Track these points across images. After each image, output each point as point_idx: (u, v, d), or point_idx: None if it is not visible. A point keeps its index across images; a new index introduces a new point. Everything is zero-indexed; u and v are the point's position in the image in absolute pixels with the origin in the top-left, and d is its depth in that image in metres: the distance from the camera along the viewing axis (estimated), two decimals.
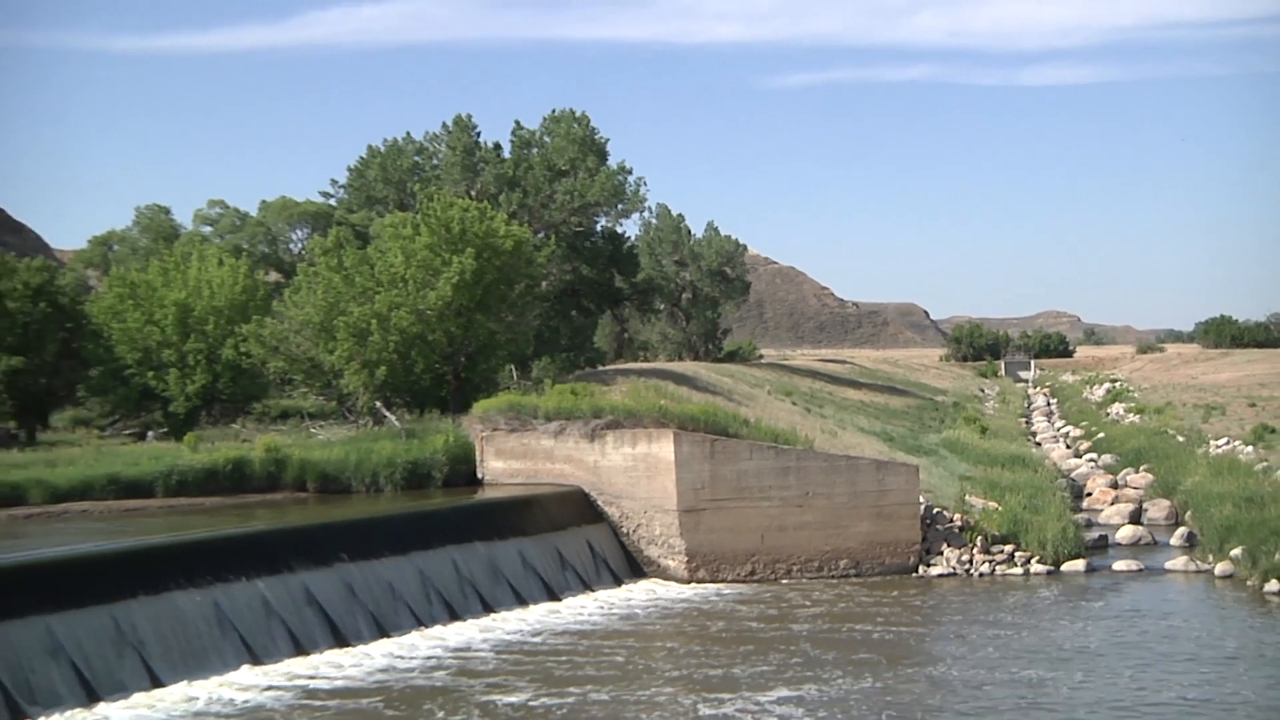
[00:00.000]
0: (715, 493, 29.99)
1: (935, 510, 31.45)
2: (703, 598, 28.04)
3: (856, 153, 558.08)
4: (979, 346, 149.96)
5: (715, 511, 29.97)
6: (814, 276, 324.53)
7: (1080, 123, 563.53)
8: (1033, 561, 29.85)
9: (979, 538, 30.52)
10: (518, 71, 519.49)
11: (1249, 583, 26.83)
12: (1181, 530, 32.90)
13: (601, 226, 62.79)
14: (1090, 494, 40.53)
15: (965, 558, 30.09)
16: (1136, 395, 79.13)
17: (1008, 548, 30.34)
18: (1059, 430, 68.16)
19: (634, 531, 31.16)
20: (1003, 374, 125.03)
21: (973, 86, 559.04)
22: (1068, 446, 57.86)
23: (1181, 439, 47.83)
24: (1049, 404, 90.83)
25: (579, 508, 31.51)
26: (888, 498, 30.31)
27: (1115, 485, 41.62)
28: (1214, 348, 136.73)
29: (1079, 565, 29.63)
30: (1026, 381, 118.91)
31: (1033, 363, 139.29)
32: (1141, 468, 43.49)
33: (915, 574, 29.84)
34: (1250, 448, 42.40)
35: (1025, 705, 18.69)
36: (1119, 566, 29.71)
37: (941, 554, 30.28)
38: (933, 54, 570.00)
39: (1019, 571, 29.62)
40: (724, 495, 30.01)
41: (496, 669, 21.68)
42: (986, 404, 79.31)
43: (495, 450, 35.14)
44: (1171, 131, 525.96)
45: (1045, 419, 76.67)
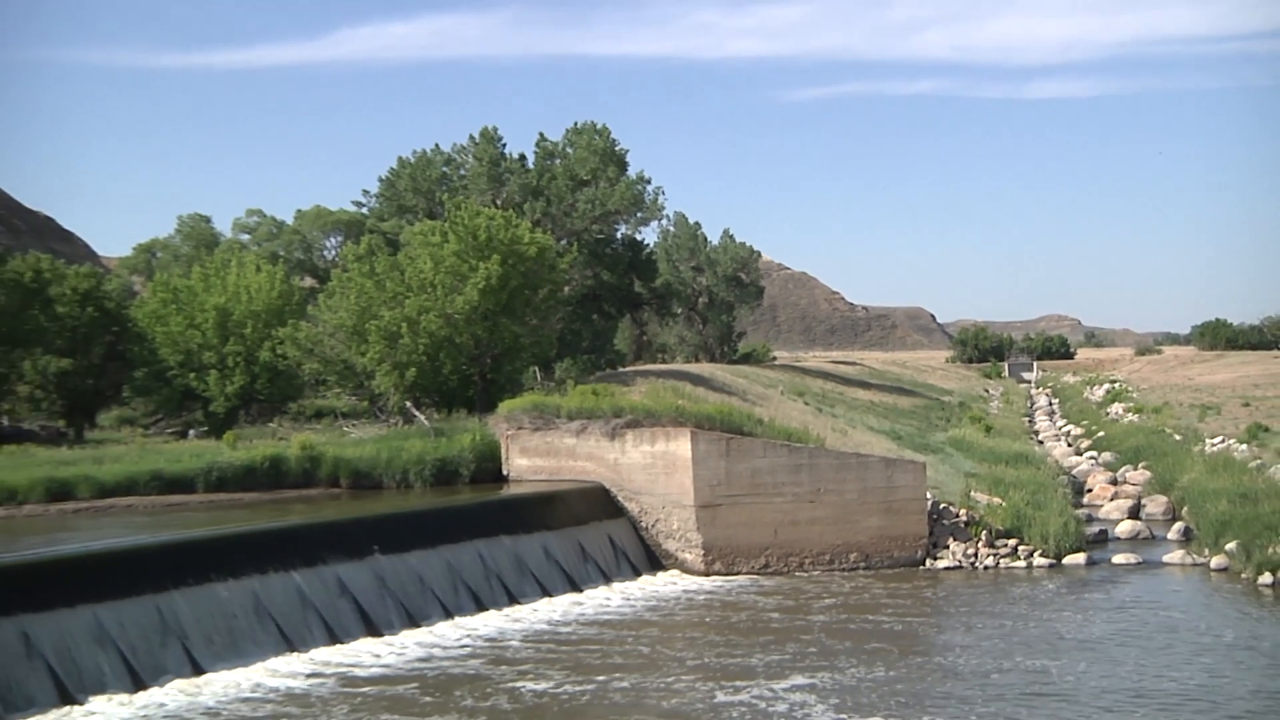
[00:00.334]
0: (731, 489, 29.94)
1: (942, 506, 31.34)
2: (720, 589, 27.96)
3: (866, 163, 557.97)
4: (984, 349, 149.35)
5: (731, 507, 29.91)
6: (825, 281, 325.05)
7: (1081, 134, 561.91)
8: (1035, 555, 29.72)
9: (984, 532, 30.40)
10: (541, 86, 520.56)
11: (1243, 575, 26.69)
12: (1178, 525, 32.72)
13: (621, 234, 62.89)
14: (1091, 490, 40.35)
15: (970, 551, 29.98)
16: (1135, 395, 78.76)
17: (1011, 542, 30.20)
18: (1060, 429, 67.82)
19: (653, 526, 31.12)
20: (1006, 375, 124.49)
21: (978, 100, 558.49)
22: (1069, 445, 57.58)
23: (1178, 437, 47.59)
24: (1051, 404, 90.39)
25: (600, 503, 31.48)
26: (896, 494, 30.21)
27: (1115, 482, 41.37)
28: (1209, 350, 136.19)
29: (1080, 559, 29.48)
30: (1029, 382, 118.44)
31: (1035, 364, 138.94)
32: (1140, 465, 43.26)
33: (922, 567, 29.72)
34: (1244, 446, 42.15)
35: (1031, 693, 18.58)
36: (1118, 560, 29.54)
37: (948, 548, 30.16)
38: (939, 69, 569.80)
39: (1022, 565, 29.49)
40: (739, 491, 29.95)
41: (524, 657, 21.67)
42: (991, 404, 78.95)
43: (520, 448, 35.14)
44: (1169, 143, 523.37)
45: (1047, 418, 76.33)
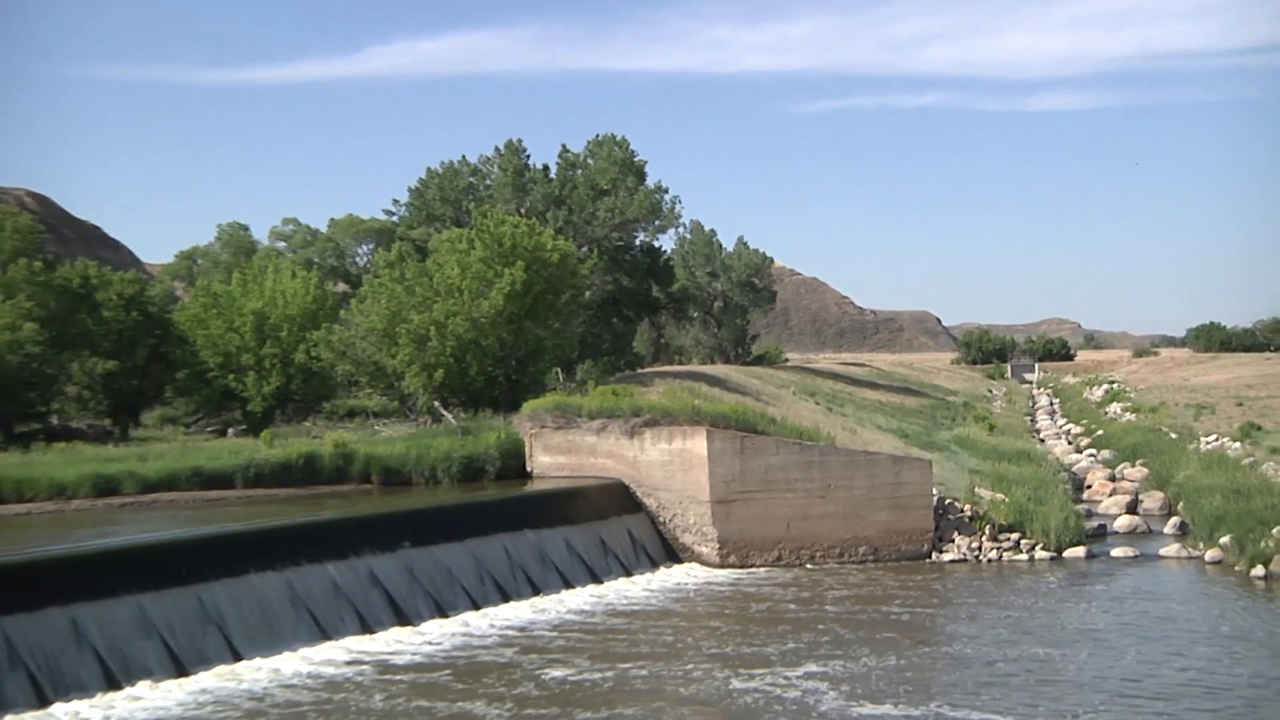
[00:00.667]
0: (745, 485, 29.87)
1: (947, 501, 31.22)
2: (736, 581, 27.89)
3: (874, 173, 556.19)
4: (987, 351, 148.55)
5: (745, 502, 29.85)
6: (835, 286, 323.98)
7: (1081, 145, 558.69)
8: (1037, 548, 29.58)
9: (987, 526, 30.29)
10: (564, 100, 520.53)
11: (1236, 568, 26.62)
12: (1174, 520, 32.54)
13: (640, 241, 62.80)
14: (1090, 486, 40.14)
15: (975, 545, 29.85)
16: (1133, 396, 78.31)
17: (1014, 535, 30.08)
18: (1061, 428, 67.45)
19: (670, 520, 31.07)
20: (1009, 376, 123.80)
21: (981, 112, 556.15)
22: (1069, 443, 57.27)
23: (1174, 436, 47.33)
24: (1052, 404, 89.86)
25: (620, 499, 31.45)
26: (903, 490, 30.10)
27: (1113, 478, 41.14)
28: (1204, 352, 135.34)
29: (1080, 552, 29.33)
30: (1031, 383, 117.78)
31: (1037, 366, 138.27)
32: (1137, 462, 43.02)
33: (928, 560, 29.60)
34: (1238, 444, 41.97)
35: (1036, 681, 18.48)
36: (1117, 553, 29.38)
37: (953, 541, 30.04)
38: (944, 83, 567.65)
39: (1024, 558, 29.35)
40: (753, 487, 29.88)
41: (552, 645, 21.64)
42: (994, 404, 78.55)
43: (543, 446, 35.14)
44: (1165, 153, 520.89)
45: (1048, 417, 75.93)
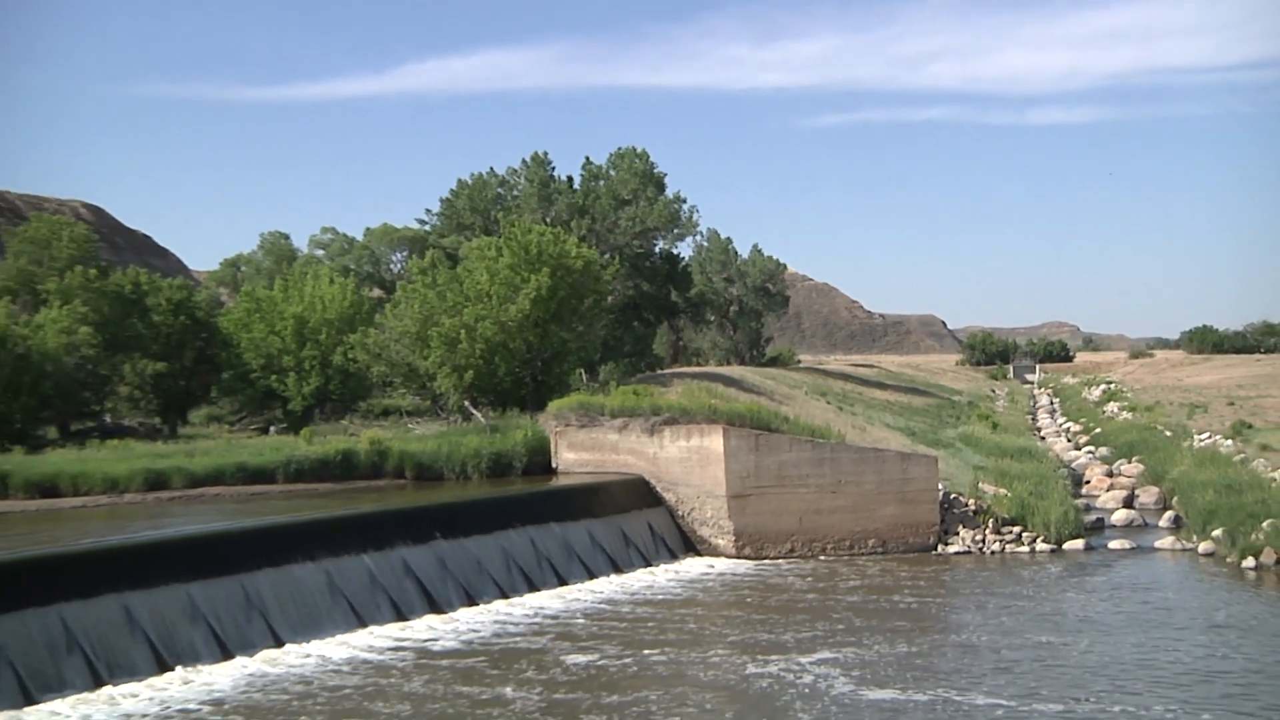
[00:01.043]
0: (760, 480, 29.81)
1: (952, 496, 31.09)
2: (753, 572, 27.81)
3: (883, 183, 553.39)
4: (991, 352, 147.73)
5: (759, 497, 29.78)
6: (845, 291, 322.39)
7: (1080, 156, 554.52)
8: (1038, 541, 29.43)
9: (991, 520, 30.14)
10: (587, 114, 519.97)
11: (1228, 559, 26.50)
12: (1169, 513, 32.37)
13: (660, 248, 62.79)
14: (1088, 482, 39.87)
15: (979, 537, 29.71)
16: (1129, 395, 77.79)
17: (1016, 528, 29.92)
18: (1061, 426, 67.05)
19: (688, 514, 31.02)
20: (1011, 377, 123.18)
21: (984, 125, 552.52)
22: (1069, 440, 56.94)
23: (1169, 434, 46.97)
24: (1052, 403, 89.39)
25: (640, 493, 31.41)
26: (910, 485, 29.99)
27: (1110, 474, 40.89)
28: (1197, 354, 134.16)
29: (1079, 544, 29.17)
30: (1032, 383, 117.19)
31: (1038, 367, 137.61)
32: (1134, 459, 42.73)
33: (935, 552, 29.48)
34: (1229, 441, 41.65)
35: (1040, 667, 18.37)
36: (1114, 545, 29.19)
37: (958, 534, 29.91)
38: (949, 97, 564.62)
39: (1026, 550, 29.21)
40: (767, 483, 29.81)
41: (576, 632, 21.62)
42: (997, 403, 78.18)
43: (568, 443, 35.14)
44: (1161, 164, 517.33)
45: (1049, 416, 75.52)
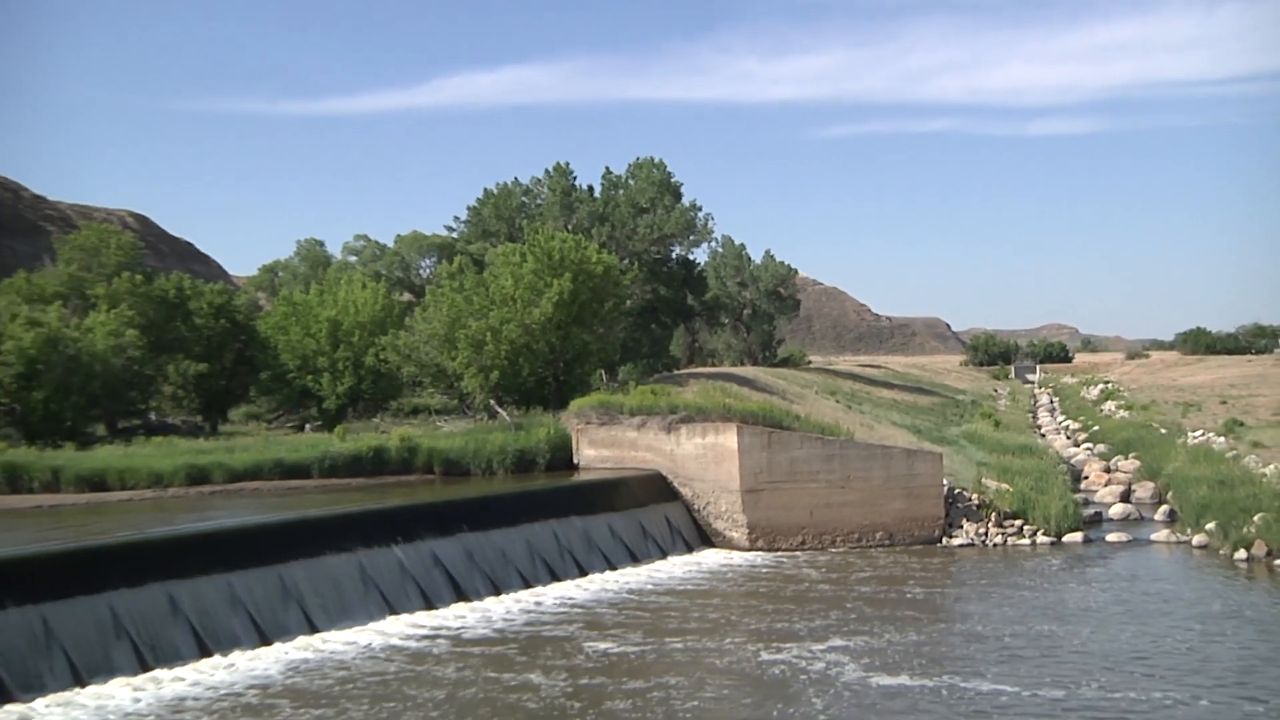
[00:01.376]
0: (772, 476, 29.77)
1: (956, 491, 30.99)
2: (767, 564, 27.77)
3: (889, 191, 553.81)
4: (993, 353, 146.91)
5: (772, 491, 29.74)
6: (854, 295, 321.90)
7: (1078, 166, 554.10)
8: (1039, 534, 29.32)
9: (993, 514, 30.05)
10: (607, 126, 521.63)
11: (1221, 552, 26.37)
12: (1164, 508, 32.15)
13: (676, 254, 62.84)
14: (1087, 477, 39.65)
15: (982, 531, 29.61)
16: (1126, 395, 77.24)
17: (1017, 522, 29.81)
18: (1060, 424, 66.69)
19: (704, 508, 31.01)
20: (1013, 377, 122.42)
21: (986, 136, 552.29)
22: (1068, 437, 56.67)
23: (1164, 431, 46.68)
24: (1052, 402, 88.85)
25: (658, 488, 31.40)
26: (916, 480, 29.90)
27: (1108, 470, 40.71)
28: (1191, 354, 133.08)
29: (1078, 537, 29.03)
30: (1033, 383, 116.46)
31: (1038, 367, 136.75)
32: (1130, 455, 42.47)
33: (939, 544, 29.38)
34: (1222, 439, 41.35)
35: (1042, 656, 18.26)
36: (1112, 538, 29.06)
37: (961, 527, 29.81)
38: (953, 109, 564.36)
39: (1027, 542, 29.08)
40: (779, 478, 29.77)
41: (599, 620, 21.60)
42: (999, 402, 77.79)
43: (588, 440, 35.17)
44: (1156, 174, 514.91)
45: (1049, 414, 75.11)
